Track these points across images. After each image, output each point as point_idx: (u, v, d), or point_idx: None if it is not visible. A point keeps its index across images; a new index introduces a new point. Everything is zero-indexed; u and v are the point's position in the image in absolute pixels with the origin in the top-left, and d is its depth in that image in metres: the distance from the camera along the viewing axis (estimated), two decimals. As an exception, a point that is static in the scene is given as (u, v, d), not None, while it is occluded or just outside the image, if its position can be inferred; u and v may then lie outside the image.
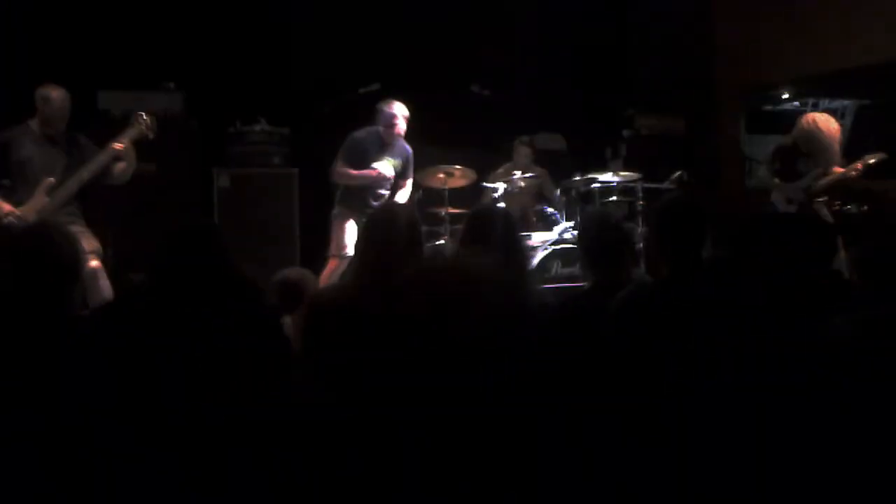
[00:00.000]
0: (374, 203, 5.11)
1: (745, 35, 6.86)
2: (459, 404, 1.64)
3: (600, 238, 2.83)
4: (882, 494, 1.67)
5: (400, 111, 5.20)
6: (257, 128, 6.24)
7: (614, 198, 5.87)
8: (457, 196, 5.84)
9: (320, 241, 5.34)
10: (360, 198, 5.17)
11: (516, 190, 5.84)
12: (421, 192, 6.10)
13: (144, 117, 4.37)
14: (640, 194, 5.85)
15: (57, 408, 1.91)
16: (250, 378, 2.01)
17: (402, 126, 5.21)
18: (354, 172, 5.14)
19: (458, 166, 5.79)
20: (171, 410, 1.91)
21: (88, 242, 4.09)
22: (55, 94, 4.24)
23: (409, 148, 5.39)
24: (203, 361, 2.08)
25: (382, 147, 5.24)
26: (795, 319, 2.09)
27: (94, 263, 4.09)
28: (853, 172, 4.61)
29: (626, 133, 7.00)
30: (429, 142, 6.68)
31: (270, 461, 1.78)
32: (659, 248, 2.54)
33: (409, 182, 5.44)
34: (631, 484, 1.66)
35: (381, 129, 5.21)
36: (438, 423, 1.64)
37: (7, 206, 4.10)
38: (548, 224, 5.68)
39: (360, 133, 5.25)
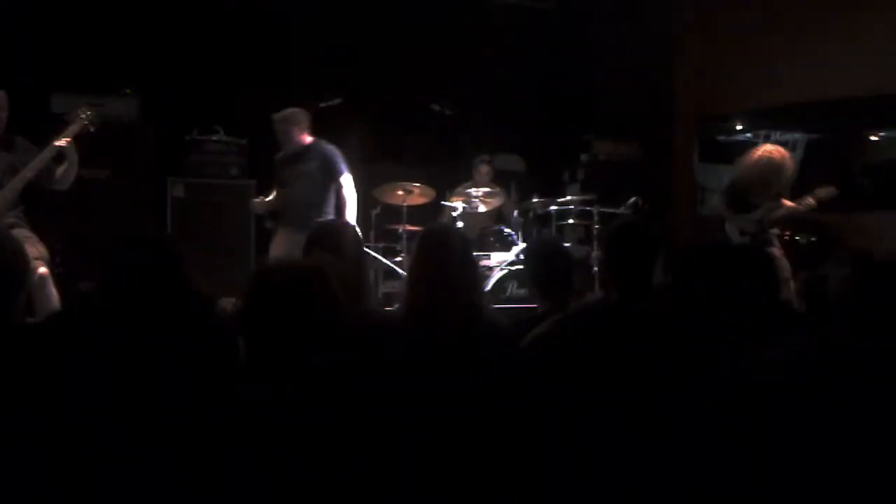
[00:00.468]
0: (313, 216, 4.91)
1: (702, 66, 7.01)
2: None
3: (547, 265, 2.88)
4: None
5: (278, 118, 5.14)
6: (214, 137, 6.18)
7: (571, 221, 5.93)
8: (416, 213, 5.84)
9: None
10: (294, 212, 5.08)
11: (475, 209, 5.86)
12: (380, 208, 6.09)
13: (87, 112, 4.28)
14: (596, 218, 5.92)
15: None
16: (199, 388, 1.99)
17: (287, 131, 5.13)
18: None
19: (417, 184, 5.79)
20: (171, 411, 1.90)
21: (35, 248, 3.98)
22: None
23: (327, 147, 5.19)
24: (154, 372, 2.04)
25: (292, 157, 5.16)
26: (736, 347, 2.13)
27: (42, 270, 3.98)
28: (805, 207, 4.67)
29: (583, 157, 7.09)
30: (389, 158, 6.71)
31: (268, 462, 1.79)
32: (608, 271, 2.56)
33: (344, 178, 5.16)
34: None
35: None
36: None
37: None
38: (505, 245, 5.71)
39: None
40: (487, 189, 5.95)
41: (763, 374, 1.98)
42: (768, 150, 4.79)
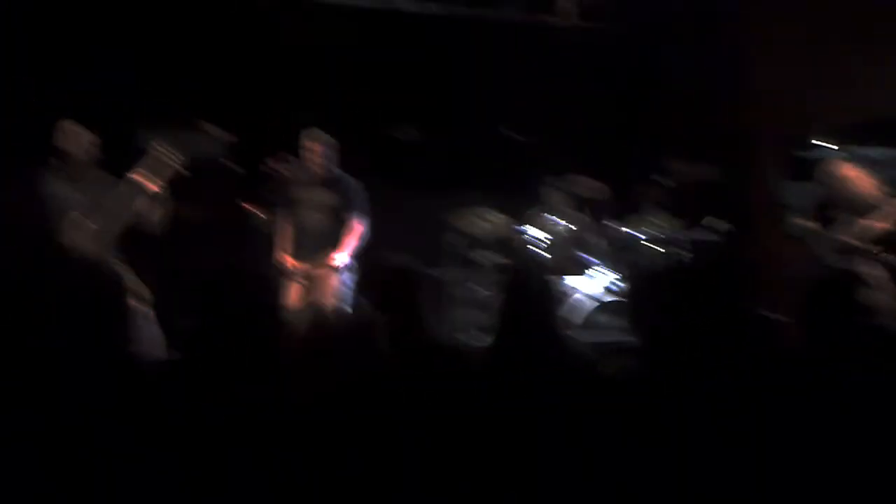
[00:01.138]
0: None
1: (781, 82, 6.86)
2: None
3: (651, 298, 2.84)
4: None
5: (310, 139, 5.09)
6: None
7: (653, 246, 5.85)
8: (491, 240, 5.85)
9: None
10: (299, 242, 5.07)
11: (552, 235, 5.84)
12: (454, 235, 6.12)
13: (162, 148, 4.41)
14: (679, 243, 5.82)
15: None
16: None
17: (330, 156, 5.07)
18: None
19: (492, 210, 5.80)
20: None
21: (133, 285, 4.13)
22: (73, 130, 4.33)
23: (354, 183, 5.17)
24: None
25: (310, 183, 5.12)
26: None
27: (141, 306, 4.13)
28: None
29: (660, 180, 7.00)
30: (463, 185, 6.74)
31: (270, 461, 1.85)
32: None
33: (359, 218, 5.14)
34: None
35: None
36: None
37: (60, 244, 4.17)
38: (585, 272, 5.66)
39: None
40: (564, 214, 5.93)
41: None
42: (851, 166, 4.71)
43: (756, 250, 6.47)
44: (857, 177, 4.65)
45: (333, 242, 5.04)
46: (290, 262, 4.94)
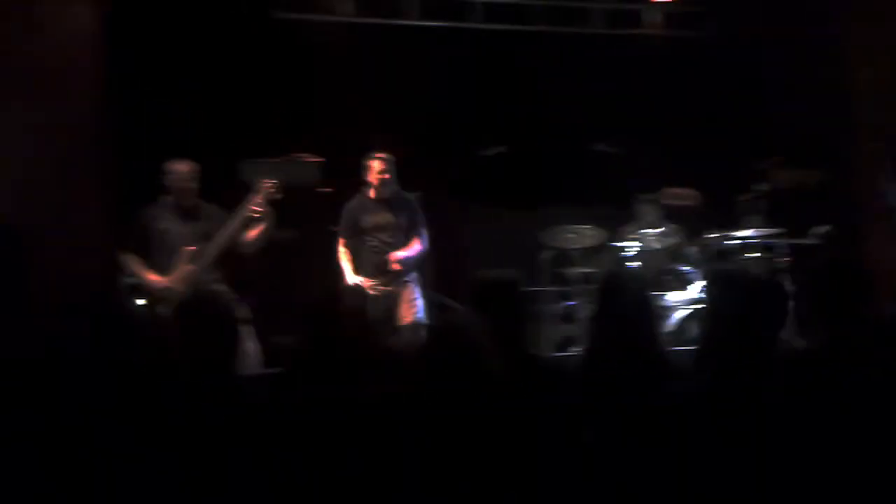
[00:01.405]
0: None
1: (884, 79, 6.53)
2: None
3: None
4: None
5: (375, 159, 5.05)
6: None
7: (754, 254, 5.63)
8: (586, 255, 5.77)
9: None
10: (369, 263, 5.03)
11: (649, 248, 5.70)
12: (549, 251, 6.06)
13: (272, 181, 4.54)
14: (782, 250, 5.59)
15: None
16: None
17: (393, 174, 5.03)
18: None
19: (586, 225, 5.73)
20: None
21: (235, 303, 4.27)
22: (179, 169, 4.49)
23: (411, 198, 5.16)
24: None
25: (374, 205, 5.08)
26: None
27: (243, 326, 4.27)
28: None
29: (761, 187, 6.75)
30: (556, 201, 6.69)
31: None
32: (817, 310, 2.39)
33: (421, 237, 5.09)
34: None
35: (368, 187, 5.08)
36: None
37: (155, 276, 4.35)
38: (683, 283, 5.51)
39: (352, 204, 5.14)
40: (660, 226, 5.79)
41: None
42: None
43: (864, 254, 6.15)
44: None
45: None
46: (365, 282, 4.94)
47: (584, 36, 6.85)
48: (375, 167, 5.05)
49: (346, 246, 5.09)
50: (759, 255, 5.60)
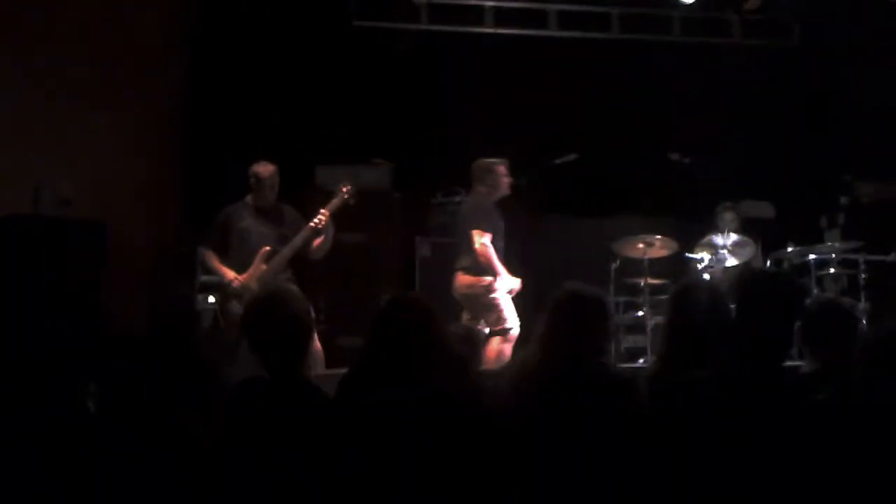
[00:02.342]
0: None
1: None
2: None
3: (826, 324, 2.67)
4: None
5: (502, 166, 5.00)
6: (457, 199, 6.44)
7: (832, 270, 5.46)
8: (658, 266, 5.69)
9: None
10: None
11: (723, 261, 5.59)
12: (619, 261, 6.00)
13: (348, 186, 4.63)
14: (863, 267, 5.41)
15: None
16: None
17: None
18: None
19: (658, 236, 5.65)
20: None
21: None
22: (263, 171, 4.61)
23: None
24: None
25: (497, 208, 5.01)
26: None
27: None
28: None
29: (843, 200, 6.54)
30: (627, 211, 6.62)
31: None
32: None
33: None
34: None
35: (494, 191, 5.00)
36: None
37: (232, 274, 4.49)
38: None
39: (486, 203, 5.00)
40: (735, 238, 5.66)
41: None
42: None
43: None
44: None
45: None
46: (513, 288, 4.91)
47: (662, 44, 6.77)
48: (503, 172, 5.03)
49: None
50: (834, 271, 5.42)
